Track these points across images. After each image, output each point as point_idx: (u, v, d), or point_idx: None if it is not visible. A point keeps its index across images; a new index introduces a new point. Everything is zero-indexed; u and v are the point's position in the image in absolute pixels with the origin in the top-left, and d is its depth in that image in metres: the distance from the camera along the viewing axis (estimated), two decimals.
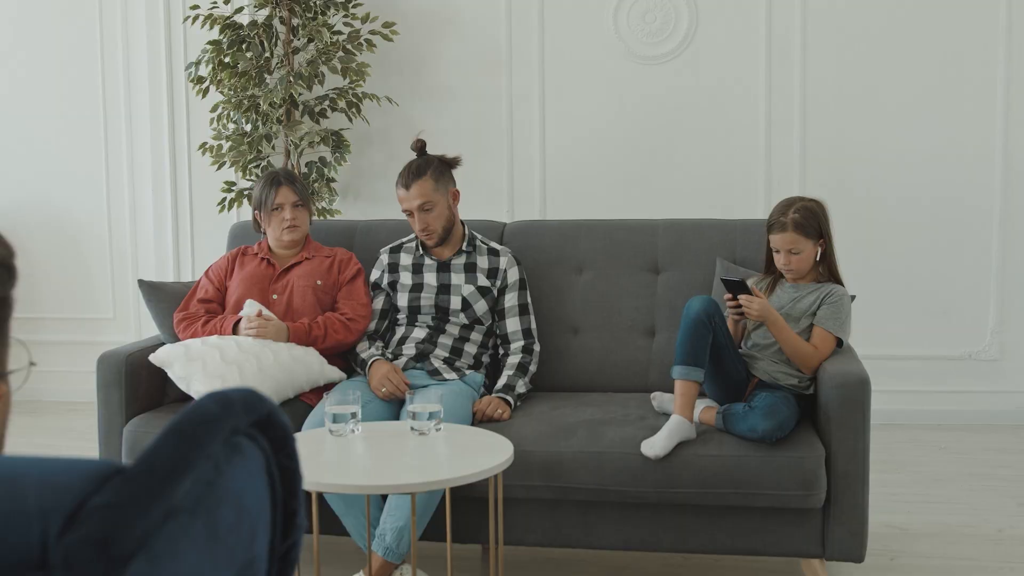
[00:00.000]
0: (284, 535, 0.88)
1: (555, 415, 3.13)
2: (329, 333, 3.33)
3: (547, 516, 3.01)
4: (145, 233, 5.59)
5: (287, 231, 3.46)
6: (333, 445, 2.69)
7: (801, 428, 2.97)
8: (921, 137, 4.88)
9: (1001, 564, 3.24)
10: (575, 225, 3.70)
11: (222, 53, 4.85)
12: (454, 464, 2.54)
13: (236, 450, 0.77)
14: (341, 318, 3.37)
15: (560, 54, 5.13)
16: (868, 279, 4.80)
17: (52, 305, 5.67)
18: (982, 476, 4.12)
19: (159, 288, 3.56)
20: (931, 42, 4.85)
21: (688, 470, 2.87)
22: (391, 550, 2.84)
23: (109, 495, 0.65)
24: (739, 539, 2.93)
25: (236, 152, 4.89)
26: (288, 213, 3.45)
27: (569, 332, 3.57)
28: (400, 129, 5.20)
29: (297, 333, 3.30)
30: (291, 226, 3.46)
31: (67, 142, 5.60)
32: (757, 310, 2.98)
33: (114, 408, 3.24)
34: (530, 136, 5.18)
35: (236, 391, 0.77)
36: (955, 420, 4.90)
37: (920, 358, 4.96)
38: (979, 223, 4.88)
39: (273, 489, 0.85)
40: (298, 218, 3.47)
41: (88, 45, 5.53)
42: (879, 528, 3.49)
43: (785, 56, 4.95)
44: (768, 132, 4.98)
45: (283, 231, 3.46)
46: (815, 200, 3.11)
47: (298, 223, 3.47)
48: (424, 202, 3.31)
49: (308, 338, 3.31)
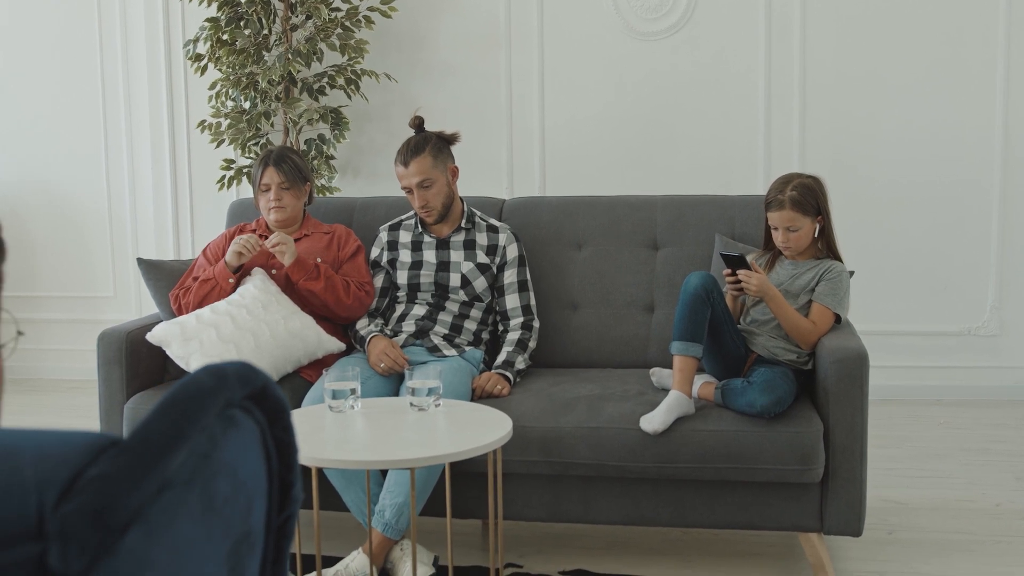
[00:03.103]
0: (280, 507, 0.88)
1: (554, 391, 3.14)
2: (334, 280, 3.31)
3: (546, 491, 3.02)
4: (144, 211, 5.59)
5: (272, 211, 3.46)
6: (333, 421, 2.71)
7: (799, 403, 2.98)
8: (921, 114, 4.87)
9: (998, 538, 3.26)
10: (574, 201, 3.70)
11: (220, 30, 4.84)
12: (453, 439, 2.55)
13: (231, 423, 0.78)
14: (350, 281, 3.36)
15: (559, 30, 5.12)
16: (868, 256, 4.80)
17: (52, 283, 5.67)
18: (980, 451, 4.13)
19: (158, 266, 3.56)
20: (931, 20, 4.83)
21: (687, 445, 2.88)
22: (391, 526, 2.86)
23: (105, 466, 0.66)
24: (738, 513, 2.95)
25: (235, 130, 4.89)
26: (273, 194, 3.45)
27: (568, 308, 3.57)
28: (399, 106, 5.19)
29: (303, 264, 3.29)
30: (276, 207, 3.46)
31: (66, 120, 5.59)
32: (756, 286, 2.98)
33: (115, 385, 3.25)
34: (529, 112, 5.17)
35: (230, 364, 0.77)
36: (954, 395, 4.92)
37: (920, 334, 4.96)
38: (979, 200, 4.88)
39: (269, 462, 0.86)
40: (283, 199, 3.46)
41: (86, 23, 5.51)
42: (877, 503, 3.51)
43: (785, 32, 4.94)
44: (768, 108, 4.97)
45: (269, 211, 3.47)
46: (813, 177, 3.11)
47: (283, 204, 3.46)
48: (423, 179, 3.31)
49: (312, 272, 3.29)
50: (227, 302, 3.28)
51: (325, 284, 3.29)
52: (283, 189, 3.45)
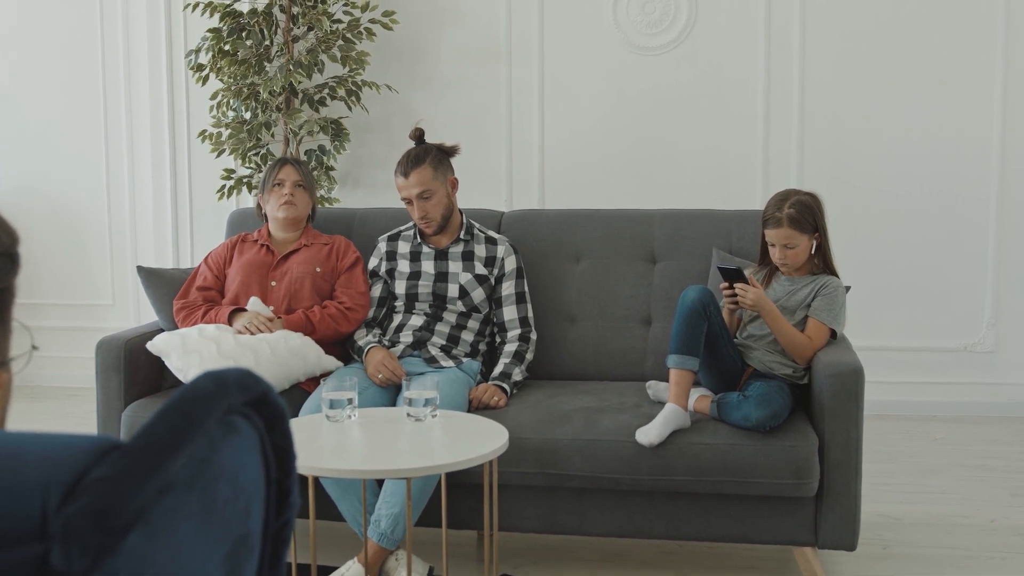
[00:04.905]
0: (278, 513, 0.90)
1: (551, 403, 3.15)
2: (327, 323, 3.35)
3: (542, 503, 3.03)
4: (144, 220, 5.61)
5: (283, 207, 3.48)
6: (330, 430, 2.71)
7: (795, 417, 2.99)
8: (919, 129, 4.90)
9: (993, 554, 3.26)
10: (572, 214, 3.72)
11: (222, 41, 4.86)
12: (449, 450, 2.56)
13: (231, 428, 0.79)
14: (340, 307, 3.39)
15: (559, 44, 5.14)
16: (865, 271, 4.82)
17: (52, 291, 5.69)
18: (975, 467, 4.14)
19: (157, 274, 3.58)
20: (929, 35, 4.86)
21: (682, 458, 2.89)
22: (386, 536, 2.86)
23: (107, 469, 0.67)
24: (732, 527, 2.96)
25: (235, 140, 4.91)
26: (287, 189, 3.49)
27: (566, 321, 3.59)
28: (399, 118, 5.22)
29: (295, 324, 3.32)
30: (287, 202, 3.48)
31: (68, 129, 5.61)
32: (752, 299, 2.99)
33: (113, 393, 3.26)
34: (529, 125, 5.20)
35: (231, 370, 0.79)
36: (950, 412, 4.93)
37: (916, 350, 4.98)
38: (976, 216, 4.90)
39: (267, 467, 0.87)
40: (296, 196, 3.50)
41: (89, 32, 5.53)
42: (872, 517, 3.51)
43: (784, 47, 4.96)
44: (767, 123, 4.99)
45: (279, 207, 3.48)
46: (810, 193, 3.12)
47: (295, 201, 3.50)
48: (423, 190, 3.33)
49: (306, 328, 3.33)
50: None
51: (321, 331, 3.35)
52: (297, 186, 3.50)
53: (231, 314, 3.35)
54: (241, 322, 3.29)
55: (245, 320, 3.29)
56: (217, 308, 3.39)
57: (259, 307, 3.34)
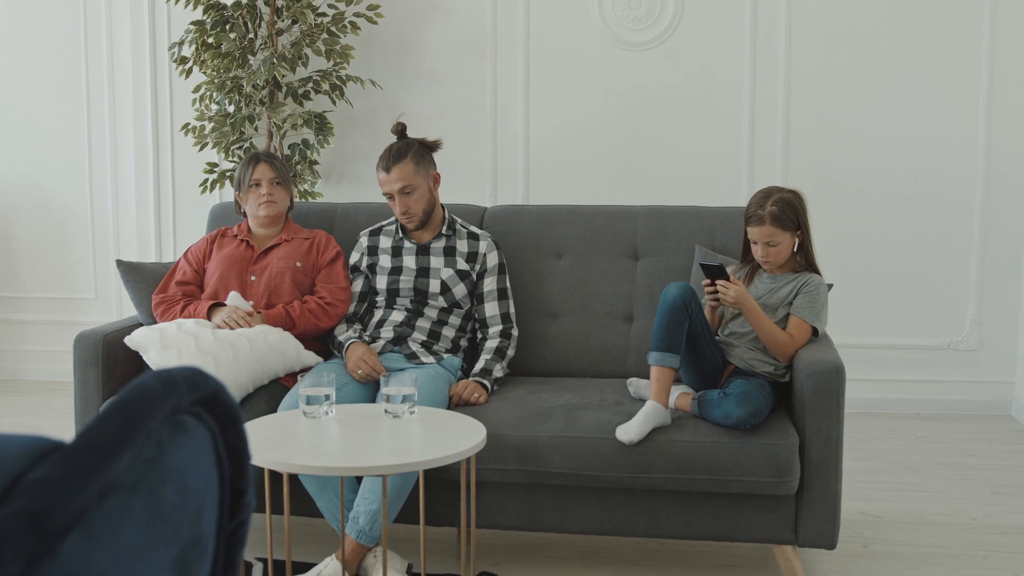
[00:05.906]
0: (232, 514, 0.88)
1: (531, 399, 3.14)
2: (307, 318, 3.33)
3: (522, 500, 3.02)
4: (127, 213, 5.57)
5: (264, 206, 3.47)
6: (306, 426, 2.70)
7: (776, 415, 2.98)
8: (904, 129, 4.90)
9: (973, 552, 3.26)
10: (555, 210, 3.70)
11: (206, 34, 4.83)
12: (426, 446, 2.55)
13: (180, 428, 0.78)
14: (320, 302, 3.37)
15: (545, 39, 5.13)
16: (849, 269, 4.82)
17: (34, 285, 5.65)
18: (957, 465, 4.14)
19: (137, 268, 3.55)
20: (915, 35, 4.86)
21: (662, 456, 2.88)
22: (364, 533, 2.85)
23: (45, 470, 0.66)
24: (712, 525, 2.95)
25: (219, 133, 4.88)
26: (265, 188, 3.46)
27: (547, 317, 3.57)
28: (384, 112, 5.19)
29: (274, 319, 3.30)
30: (268, 201, 3.46)
31: (50, 122, 5.56)
32: (733, 297, 2.98)
33: (91, 387, 3.24)
34: (514, 121, 5.18)
35: (180, 369, 0.77)
36: (933, 409, 4.94)
37: (899, 347, 4.98)
38: (960, 215, 4.90)
39: (220, 468, 0.85)
40: (275, 194, 3.48)
41: (72, 25, 5.49)
42: (853, 515, 3.51)
43: (770, 44, 4.96)
44: (752, 121, 4.98)
45: (259, 206, 3.47)
46: (792, 191, 3.11)
47: (275, 199, 3.48)
48: (404, 185, 3.31)
49: (286, 323, 3.31)
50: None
51: (301, 326, 3.33)
52: (275, 184, 3.48)
53: (210, 309, 3.33)
54: (220, 317, 3.27)
55: (224, 315, 3.27)
56: (196, 303, 3.36)
57: (238, 302, 3.32)
